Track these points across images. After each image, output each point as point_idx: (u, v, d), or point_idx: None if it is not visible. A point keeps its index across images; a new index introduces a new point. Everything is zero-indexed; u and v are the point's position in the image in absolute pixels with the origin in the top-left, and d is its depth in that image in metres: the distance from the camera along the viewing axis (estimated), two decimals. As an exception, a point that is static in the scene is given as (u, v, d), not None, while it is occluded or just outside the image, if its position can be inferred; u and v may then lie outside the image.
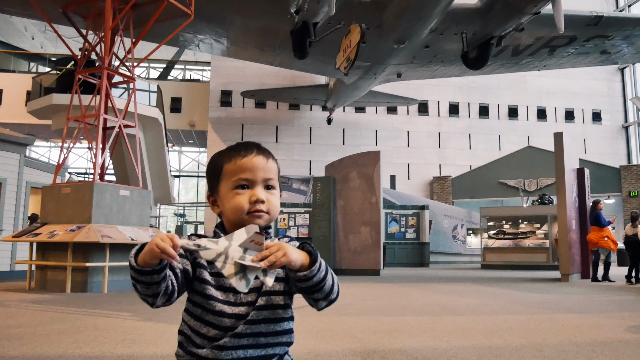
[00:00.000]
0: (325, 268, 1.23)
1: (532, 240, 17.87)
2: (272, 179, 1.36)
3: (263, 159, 1.37)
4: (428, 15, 12.94)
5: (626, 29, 14.72)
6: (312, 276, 1.19)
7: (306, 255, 1.20)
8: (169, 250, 1.13)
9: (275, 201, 1.35)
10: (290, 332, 1.32)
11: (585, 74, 27.03)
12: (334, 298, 1.28)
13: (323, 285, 1.22)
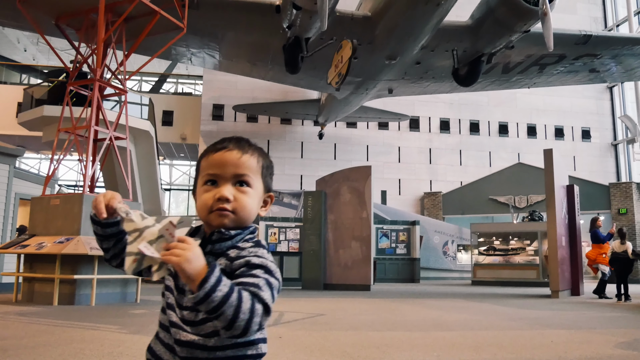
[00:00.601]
0: (223, 300, 1.04)
1: (522, 256, 17.91)
2: (245, 175, 1.27)
3: (237, 153, 1.28)
4: (419, 32, 13.08)
5: (614, 48, 14.95)
6: (195, 301, 1.04)
7: (204, 274, 1.03)
8: (99, 205, 1.18)
9: (245, 200, 1.25)
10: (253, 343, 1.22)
11: (575, 92, 27.35)
12: (236, 333, 1.08)
13: (213, 316, 1.05)
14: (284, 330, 5.64)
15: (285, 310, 7.83)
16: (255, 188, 1.29)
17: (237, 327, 1.07)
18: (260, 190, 1.31)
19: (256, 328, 1.09)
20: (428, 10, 12.08)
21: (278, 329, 5.82)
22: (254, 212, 1.28)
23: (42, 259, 8.73)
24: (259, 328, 1.11)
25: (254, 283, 1.12)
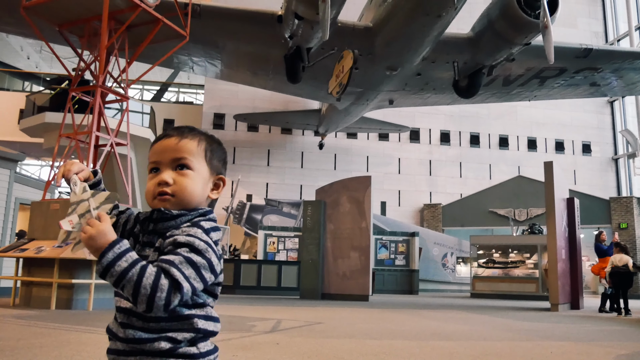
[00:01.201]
0: (122, 275, 1.10)
1: (521, 269, 17.84)
2: (183, 159, 1.31)
3: (174, 139, 1.33)
4: (420, 43, 13.15)
5: (615, 61, 15.01)
6: (98, 275, 1.14)
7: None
8: (58, 174, 1.28)
9: (184, 182, 1.30)
10: (186, 318, 1.24)
11: (575, 106, 27.42)
12: (143, 309, 1.13)
13: (120, 290, 1.12)
14: (281, 337, 5.61)
15: (283, 318, 7.80)
16: (197, 170, 1.33)
17: (140, 301, 1.11)
18: (205, 173, 1.35)
19: (162, 303, 1.12)
20: (429, 22, 12.15)
21: (275, 335, 5.79)
22: (196, 193, 1.32)
23: (40, 263, 8.71)
24: (168, 304, 1.13)
25: (168, 260, 1.16)
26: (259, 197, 24.35)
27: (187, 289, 1.16)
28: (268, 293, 15.39)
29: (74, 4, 9.24)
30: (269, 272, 16.00)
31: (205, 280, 1.21)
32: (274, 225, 20.84)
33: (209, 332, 1.29)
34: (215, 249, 1.25)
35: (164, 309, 1.14)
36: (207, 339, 1.29)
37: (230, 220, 22.32)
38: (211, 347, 1.30)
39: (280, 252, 19.02)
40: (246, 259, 18.11)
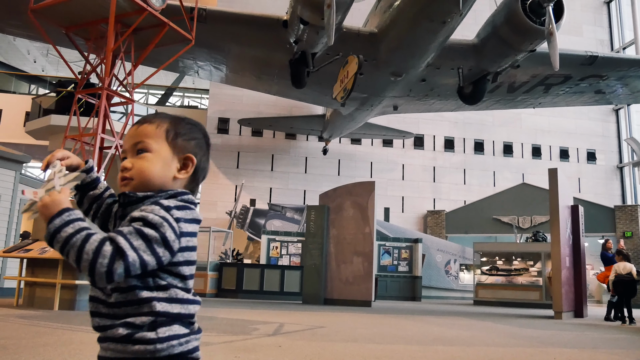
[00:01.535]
0: (66, 240, 1.14)
1: (525, 277, 17.76)
2: (141, 142, 1.35)
3: (135, 127, 1.38)
4: (425, 49, 13.17)
5: (620, 69, 14.99)
6: (46, 241, 1.17)
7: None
8: (44, 160, 1.36)
9: (141, 164, 1.33)
10: (145, 301, 1.24)
11: (580, 113, 27.38)
12: (87, 276, 1.15)
13: (65, 257, 1.15)
14: (283, 340, 5.60)
15: (285, 322, 7.79)
16: (156, 151, 1.35)
17: (83, 267, 1.13)
18: (166, 153, 1.36)
19: (104, 270, 1.12)
20: (434, 28, 12.17)
21: (277, 338, 5.78)
22: (155, 174, 1.34)
23: (44, 264, 8.74)
24: (110, 272, 1.13)
25: (117, 230, 1.19)
26: (263, 201, 24.35)
27: (132, 258, 1.15)
28: (271, 298, 15.37)
29: (81, 7, 9.30)
30: (271, 276, 15.99)
31: (158, 255, 1.20)
32: (277, 230, 20.83)
33: (174, 315, 1.26)
34: (175, 225, 1.24)
35: (106, 277, 1.13)
36: (174, 322, 1.27)
37: (234, 224, 22.32)
38: (180, 331, 1.27)
39: (283, 257, 19.00)
40: (249, 264, 18.10)
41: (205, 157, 1.46)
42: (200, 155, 1.43)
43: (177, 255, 1.27)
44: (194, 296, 1.35)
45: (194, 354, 1.30)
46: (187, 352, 1.28)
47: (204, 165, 1.45)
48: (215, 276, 16.04)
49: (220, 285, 16.08)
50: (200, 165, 1.43)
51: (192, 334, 1.30)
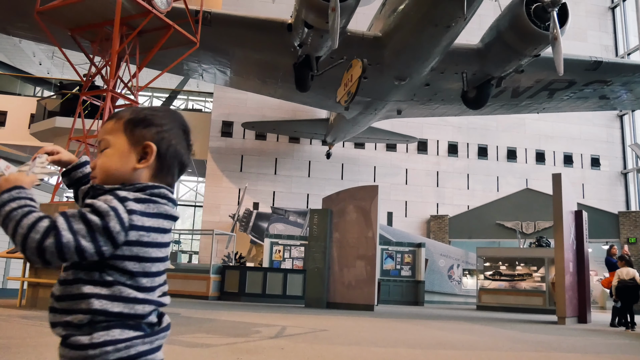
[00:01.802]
0: (7, 214, 1.15)
1: (528, 282, 17.69)
2: (102, 141, 1.37)
3: (101, 127, 1.46)
4: (429, 54, 13.18)
5: (625, 74, 14.95)
6: None
7: None
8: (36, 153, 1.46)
9: (101, 161, 1.35)
10: (84, 297, 1.21)
11: (585, 119, 27.33)
12: (21, 250, 1.15)
13: (5, 231, 1.17)
14: (285, 342, 5.59)
15: (288, 325, 7.77)
16: (114, 145, 1.35)
17: (16, 241, 1.14)
18: (122, 146, 1.35)
19: (34, 246, 1.12)
20: (438, 33, 12.18)
21: (280, 341, 5.77)
22: (114, 168, 1.33)
23: (47, 265, 8.73)
24: (40, 247, 1.12)
25: (63, 212, 1.19)
26: (266, 205, 24.36)
27: (67, 239, 1.14)
28: (273, 301, 15.35)
29: (87, 9, 9.35)
30: (274, 280, 15.98)
31: (99, 244, 1.17)
32: (280, 233, 20.82)
33: (114, 314, 1.21)
34: (123, 217, 1.20)
35: (37, 253, 1.13)
36: (115, 326, 1.21)
37: (237, 227, 22.33)
38: (120, 335, 1.21)
39: (286, 260, 18.99)
40: (252, 267, 18.09)
41: (177, 145, 1.40)
42: (166, 143, 1.38)
43: (122, 248, 1.22)
44: (159, 296, 1.31)
45: (140, 358, 1.23)
46: (128, 359, 1.21)
47: (173, 152, 1.39)
48: (218, 279, 16.03)
49: (222, 288, 16.07)
50: (167, 153, 1.37)
51: (143, 337, 1.24)
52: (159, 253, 1.31)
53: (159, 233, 1.29)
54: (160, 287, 1.34)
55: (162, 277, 1.35)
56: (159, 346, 1.30)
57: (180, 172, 1.45)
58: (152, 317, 1.30)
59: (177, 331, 6.04)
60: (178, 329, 6.60)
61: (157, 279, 1.32)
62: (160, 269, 1.33)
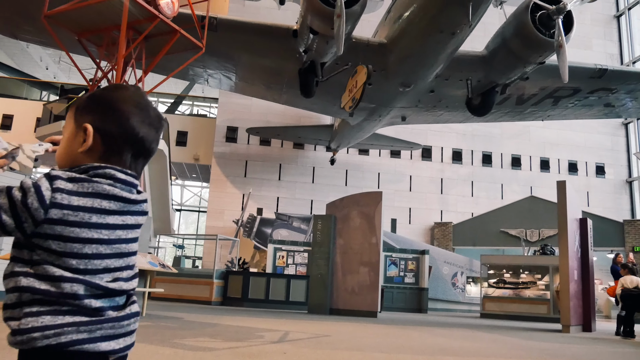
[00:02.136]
0: None
1: (533, 290, 17.61)
2: (61, 133, 1.43)
3: None
4: (434, 60, 13.20)
5: (630, 83, 14.94)
6: None
7: None
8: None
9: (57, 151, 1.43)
10: (14, 274, 1.21)
11: (589, 127, 27.28)
12: None
13: None
14: (288, 347, 5.58)
15: (291, 330, 7.76)
16: (65, 131, 1.40)
17: None
18: (69, 132, 1.38)
19: None
20: (443, 39, 12.20)
21: (283, 345, 5.76)
22: (63, 153, 1.38)
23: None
24: None
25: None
26: (270, 211, 24.36)
27: None
28: (276, 307, 15.32)
29: (94, 13, 9.41)
30: (277, 285, 15.97)
31: (20, 219, 1.18)
32: (283, 239, 20.82)
33: (41, 292, 1.18)
34: (44, 194, 1.20)
35: None
36: (46, 312, 1.18)
37: (240, 233, 22.34)
38: (50, 322, 1.17)
39: (289, 266, 18.98)
40: (255, 272, 18.08)
41: (126, 124, 1.35)
42: (111, 123, 1.34)
43: (44, 226, 1.20)
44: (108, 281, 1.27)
45: (74, 347, 1.18)
46: (58, 346, 1.16)
47: (122, 133, 1.35)
48: (221, 284, 16.03)
49: (225, 293, 16.06)
50: (114, 134, 1.34)
51: (78, 324, 1.19)
52: (94, 234, 1.25)
53: (94, 213, 1.25)
54: (112, 272, 1.28)
55: (109, 260, 1.28)
56: (106, 336, 1.23)
57: (142, 151, 1.40)
58: (92, 301, 1.23)
59: (180, 335, 6.05)
60: (180, 332, 6.60)
61: (97, 262, 1.26)
62: (102, 251, 1.27)
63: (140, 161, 1.41)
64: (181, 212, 36.27)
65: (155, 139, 1.42)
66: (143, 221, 1.40)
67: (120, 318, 1.26)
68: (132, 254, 1.35)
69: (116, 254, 1.30)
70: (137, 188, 1.37)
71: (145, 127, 1.38)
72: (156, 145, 1.44)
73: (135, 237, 1.37)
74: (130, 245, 1.34)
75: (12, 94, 27.12)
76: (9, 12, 12.54)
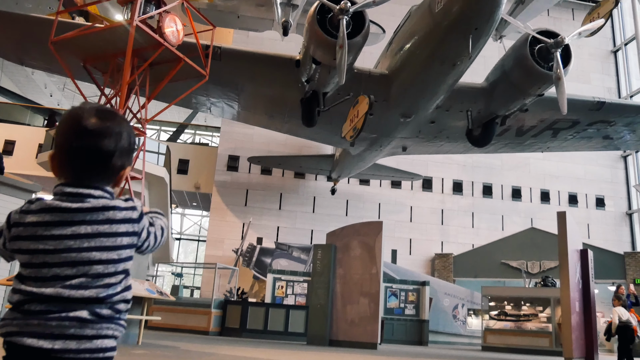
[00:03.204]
0: None
1: (534, 323, 17.40)
2: None
3: None
4: (434, 92, 13.34)
5: (628, 115, 15.07)
6: None
7: None
8: None
9: None
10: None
11: (589, 159, 27.40)
12: None
13: None
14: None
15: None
16: None
17: None
18: None
19: None
20: (444, 71, 12.36)
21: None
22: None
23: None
24: None
25: None
26: (270, 240, 24.27)
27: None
28: (275, 337, 15.13)
29: (100, 40, 9.58)
30: (276, 316, 15.80)
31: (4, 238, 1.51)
32: (283, 269, 20.69)
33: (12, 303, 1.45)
34: (11, 217, 1.50)
35: None
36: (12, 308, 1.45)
37: (240, 262, 22.21)
38: (7, 315, 1.45)
39: (289, 296, 18.80)
40: (254, 302, 17.91)
41: (62, 140, 1.52)
42: (56, 143, 1.54)
43: (11, 243, 1.48)
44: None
45: (6, 338, 1.41)
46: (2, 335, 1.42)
47: (60, 148, 1.51)
48: (219, 314, 15.86)
49: (224, 323, 15.87)
50: (58, 152, 1.52)
51: (12, 319, 1.41)
52: (39, 245, 1.43)
53: (40, 227, 1.43)
54: (62, 280, 1.42)
55: (57, 269, 1.42)
56: (33, 332, 1.38)
57: (85, 160, 1.51)
58: (26, 304, 1.42)
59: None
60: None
61: (44, 271, 1.42)
62: (49, 260, 1.42)
63: (91, 170, 1.51)
64: (180, 241, 36.11)
65: (88, 144, 1.49)
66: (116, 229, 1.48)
67: (49, 319, 1.39)
68: (87, 262, 1.43)
69: (66, 263, 1.41)
70: (91, 197, 1.48)
71: (78, 137, 1.49)
72: (98, 150, 1.50)
73: (97, 246, 1.45)
74: (83, 255, 1.43)
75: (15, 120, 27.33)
76: (16, 38, 12.75)
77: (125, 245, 1.50)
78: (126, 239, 1.49)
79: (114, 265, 1.46)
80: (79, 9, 13.56)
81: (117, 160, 1.52)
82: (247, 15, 17.14)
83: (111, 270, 1.46)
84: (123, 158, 1.54)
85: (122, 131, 1.54)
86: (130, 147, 1.55)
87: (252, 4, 16.65)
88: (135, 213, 1.52)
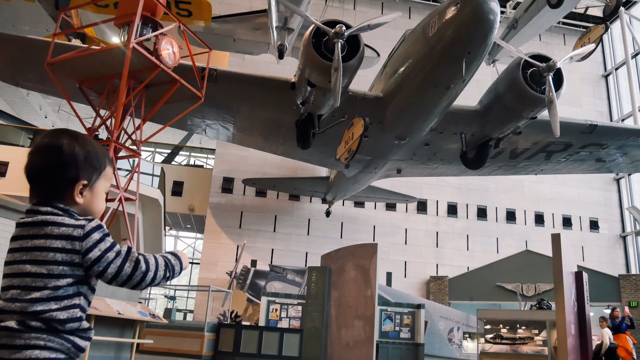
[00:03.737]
0: None
1: (530, 346, 17.26)
2: None
3: None
4: (429, 114, 13.44)
5: (620, 138, 15.22)
6: None
7: None
8: None
9: None
10: None
11: (582, 182, 27.56)
12: None
13: None
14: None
15: None
16: None
17: None
18: None
19: None
20: (438, 94, 12.47)
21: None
22: None
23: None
24: None
25: None
26: (264, 262, 24.13)
27: None
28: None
29: (96, 61, 9.62)
30: (270, 339, 15.58)
31: None
32: (277, 292, 20.51)
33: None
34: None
35: None
36: None
37: (234, 285, 22.03)
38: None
39: (283, 319, 18.61)
40: (247, 325, 17.70)
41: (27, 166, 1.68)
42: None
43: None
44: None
45: None
46: None
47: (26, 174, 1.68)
48: (212, 337, 15.65)
49: (217, 347, 15.65)
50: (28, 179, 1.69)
51: None
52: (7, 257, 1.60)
53: (10, 240, 1.59)
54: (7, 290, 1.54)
55: (6, 280, 1.54)
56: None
57: (28, 179, 1.68)
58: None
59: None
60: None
61: (4, 281, 1.56)
62: (5, 271, 1.56)
63: (37, 187, 1.66)
64: (33, 214, 35.81)
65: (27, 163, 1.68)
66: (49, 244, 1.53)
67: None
68: (20, 274, 1.51)
69: (12, 274, 1.51)
70: (39, 213, 1.58)
71: (37, 157, 1.66)
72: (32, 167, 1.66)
73: (30, 260, 1.51)
74: (20, 267, 1.51)
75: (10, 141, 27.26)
76: (13, 60, 12.80)
77: (60, 262, 1.49)
78: (61, 255, 1.49)
79: (42, 280, 1.47)
80: (75, 31, 13.63)
81: (59, 175, 1.53)
82: (243, 38, 17.32)
83: (39, 284, 1.47)
84: (68, 172, 1.54)
85: (61, 145, 1.56)
86: (78, 160, 1.56)
87: (248, 27, 16.84)
88: (78, 231, 1.52)
